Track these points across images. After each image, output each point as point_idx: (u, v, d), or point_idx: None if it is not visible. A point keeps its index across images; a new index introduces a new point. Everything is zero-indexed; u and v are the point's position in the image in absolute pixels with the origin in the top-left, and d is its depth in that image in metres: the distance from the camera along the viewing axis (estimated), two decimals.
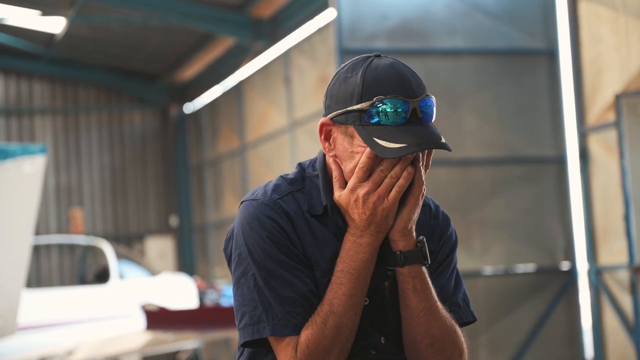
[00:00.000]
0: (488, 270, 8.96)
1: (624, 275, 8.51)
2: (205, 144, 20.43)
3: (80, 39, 17.97)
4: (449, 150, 2.06)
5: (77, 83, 20.85)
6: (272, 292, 2.06)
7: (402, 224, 2.09)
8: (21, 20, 16.78)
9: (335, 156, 2.14)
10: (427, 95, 2.09)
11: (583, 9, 9.01)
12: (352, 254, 2.08)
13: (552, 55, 9.31)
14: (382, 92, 2.05)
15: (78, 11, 15.62)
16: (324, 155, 2.21)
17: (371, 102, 2.04)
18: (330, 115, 2.13)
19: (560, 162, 9.18)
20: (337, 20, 8.55)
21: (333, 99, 2.14)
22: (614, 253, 8.74)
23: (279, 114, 15.75)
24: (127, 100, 21.31)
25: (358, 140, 2.07)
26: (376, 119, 2.04)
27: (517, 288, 9.07)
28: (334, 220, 2.15)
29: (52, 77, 20.63)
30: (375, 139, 2.03)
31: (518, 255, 9.08)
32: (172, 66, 19.72)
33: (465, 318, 2.27)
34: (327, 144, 2.15)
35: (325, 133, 2.15)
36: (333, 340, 2.03)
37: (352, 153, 2.09)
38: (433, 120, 2.10)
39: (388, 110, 2.03)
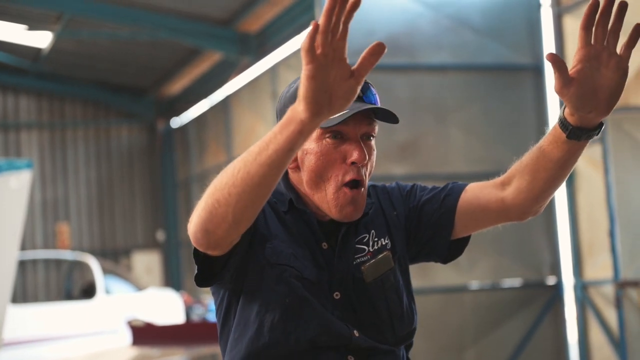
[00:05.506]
0: (475, 285, 8.97)
1: (609, 290, 8.55)
2: (192, 159, 20.41)
3: (67, 53, 17.95)
4: (395, 120, 2.11)
5: (64, 97, 20.81)
6: None
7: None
8: (7, 34, 16.74)
9: (296, 166, 2.19)
10: (368, 83, 2.13)
11: (568, 24, 9.07)
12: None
13: (537, 70, 9.37)
14: None
15: (65, 26, 15.60)
16: None
17: None
18: None
19: None
20: None
21: (281, 113, 2.19)
22: (599, 268, 8.78)
23: (267, 129, 15.76)
24: (114, 114, 21.28)
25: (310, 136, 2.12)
26: None
27: (503, 302, 9.09)
28: (302, 210, 2.19)
29: (38, 92, 20.58)
30: None
31: (504, 270, 9.10)
32: (160, 81, 19.72)
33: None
34: None
35: None
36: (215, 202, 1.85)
37: (307, 152, 2.14)
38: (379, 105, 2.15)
39: None
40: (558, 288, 9.24)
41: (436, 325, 8.73)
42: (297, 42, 14.30)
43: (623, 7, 1.89)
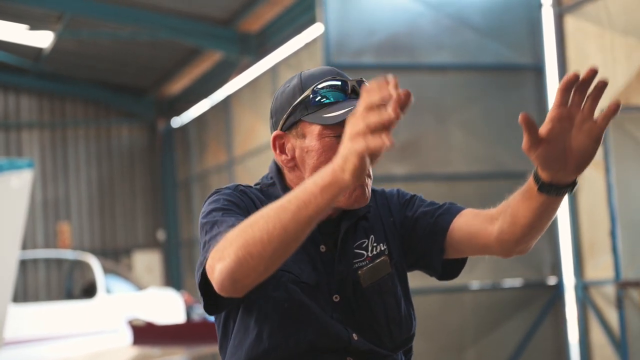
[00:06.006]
0: (475, 284, 8.97)
1: (611, 290, 8.54)
2: (192, 158, 20.42)
3: (68, 53, 17.96)
4: None
5: (65, 97, 20.82)
6: (219, 230, 2.02)
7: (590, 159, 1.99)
8: (9, 34, 16.76)
9: (294, 165, 2.19)
10: (364, 80, 2.15)
11: (569, 25, 9.07)
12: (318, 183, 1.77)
13: (538, 70, 9.36)
14: (321, 79, 2.15)
15: (66, 26, 15.61)
16: (276, 164, 2.28)
17: (312, 87, 2.13)
18: (279, 126, 2.20)
19: None
20: (325, 35, 8.57)
21: (278, 112, 2.22)
22: (600, 268, 8.77)
23: (267, 129, 15.68)
24: (115, 114, 21.30)
25: (310, 134, 2.13)
26: (319, 100, 2.12)
27: (504, 302, 9.09)
28: None
29: (39, 91, 20.59)
30: (323, 115, 2.10)
31: (505, 270, 9.10)
32: (160, 80, 19.72)
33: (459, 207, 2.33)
34: (283, 156, 2.21)
35: (279, 146, 2.21)
36: (236, 251, 1.85)
37: (308, 150, 2.14)
38: None
39: (328, 89, 2.12)
40: (559, 288, 9.23)
41: (436, 325, 8.72)
42: (297, 42, 14.31)
43: (603, 85, 1.88)
